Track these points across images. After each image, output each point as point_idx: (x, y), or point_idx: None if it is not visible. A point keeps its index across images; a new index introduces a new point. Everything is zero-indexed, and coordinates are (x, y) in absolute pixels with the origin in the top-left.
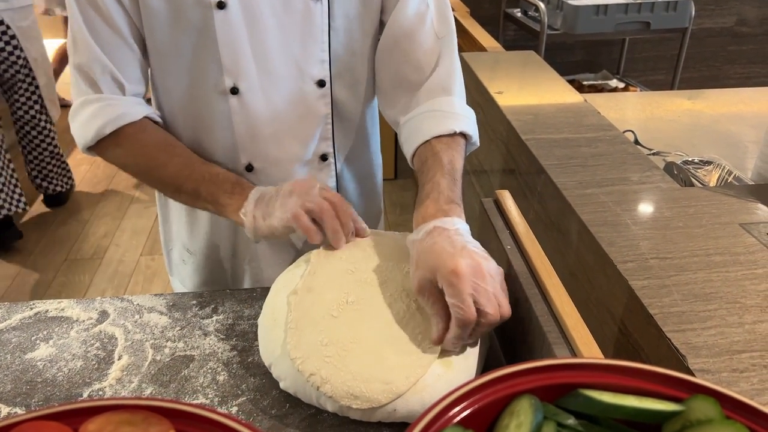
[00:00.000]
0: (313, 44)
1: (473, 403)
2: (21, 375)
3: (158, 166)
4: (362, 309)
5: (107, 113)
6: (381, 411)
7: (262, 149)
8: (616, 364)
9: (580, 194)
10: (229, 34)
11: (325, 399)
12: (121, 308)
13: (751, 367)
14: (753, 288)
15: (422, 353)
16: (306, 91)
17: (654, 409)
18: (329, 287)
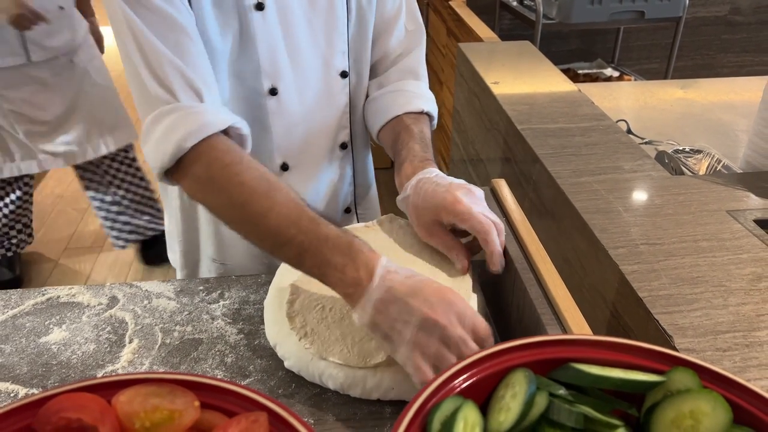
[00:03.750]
0: (337, 37)
1: (472, 376)
2: (36, 358)
3: (256, 215)
4: None
5: (188, 123)
6: (378, 388)
7: (295, 147)
8: (603, 339)
9: (573, 182)
10: (267, 35)
11: (327, 377)
12: (130, 294)
13: (734, 347)
14: (738, 272)
15: None
16: (332, 84)
17: (638, 380)
18: None
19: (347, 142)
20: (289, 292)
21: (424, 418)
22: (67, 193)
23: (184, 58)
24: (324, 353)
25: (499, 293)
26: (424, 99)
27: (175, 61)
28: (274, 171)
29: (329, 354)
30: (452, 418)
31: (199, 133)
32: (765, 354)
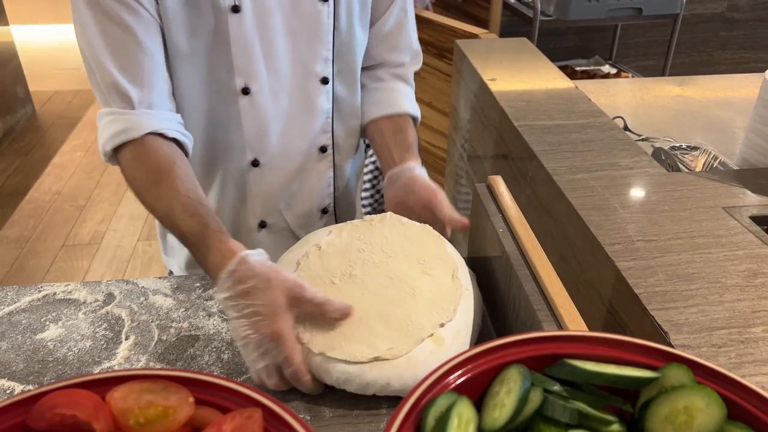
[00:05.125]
0: (319, 44)
1: (467, 372)
2: (32, 354)
3: (149, 205)
4: (362, 284)
5: (112, 128)
6: (374, 384)
7: (268, 145)
8: (598, 336)
9: (570, 179)
10: (241, 37)
11: (324, 372)
12: (127, 290)
13: (729, 343)
14: (733, 269)
15: (411, 332)
16: (311, 89)
17: (632, 376)
18: (338, 258)
19: (328, 146)
20: None
21: (419, 414)
22: (64, 190)
23: (125, 67)
24: (321, 348)
25: (495, 289)
26: (416, 105)
27: (112, 71)
28: (244, 165)
29: (326, 349)
30: (447, 415)
31: (116, 138)
32: (760, 350)
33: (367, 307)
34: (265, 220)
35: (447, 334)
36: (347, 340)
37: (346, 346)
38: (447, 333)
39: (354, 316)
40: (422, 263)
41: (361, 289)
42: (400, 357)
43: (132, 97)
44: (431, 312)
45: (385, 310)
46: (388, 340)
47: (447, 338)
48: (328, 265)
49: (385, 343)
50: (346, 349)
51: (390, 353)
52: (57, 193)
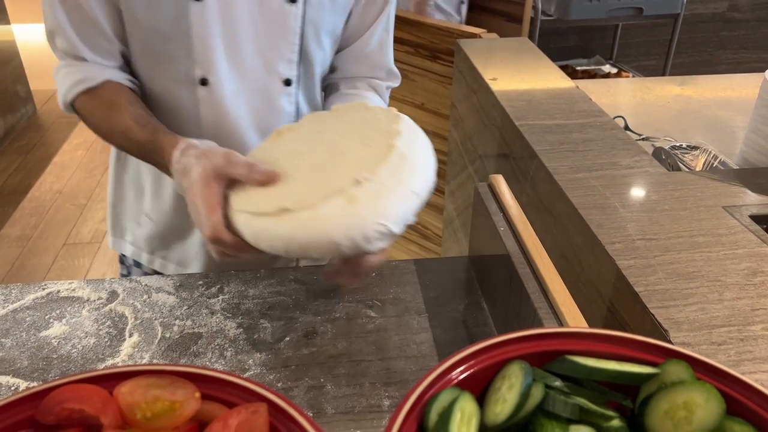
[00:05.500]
0: (284, 44)
1: (469, 368)
2: (37, 352)
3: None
4: (302, 157)
5: (70, 79)
6: (281, 238)
7: (225, 139)
8: (598, 332)
9: (570, 178)
10: (203, 27)
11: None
12: (130, 288)
13: (729, 341)
14: (733, 267)
15: (323, 188)
16: (273, 89)
17: (632, 372)
18: (293, 141)
19: None
20: None
21: (422, 409)
22: (65, 189)
23: (84, 39)
24: (239, 205)
25: (496, 287)
26: None
27: (72, 37)
28: None
29: (243, 205)
30: (449, 410)
31: (82, 85)
32: (759, 348)
33: (295, 172)
34: None
35: (362, 195)
36: (265, 197)
37: (260, 201)
38: (363, 193)
39: (282, 180)
40: (367, 137)
41: (299, 161)
42: (306, 209)
43: (87, 59)
44: (350, 171)
45: (310, 173)
46: (298, 194)
47: (362, 198)
48: (281, 146)
49: (295, 197)
50: (260, 203)
51: (297, 204)
52: (58, 192)
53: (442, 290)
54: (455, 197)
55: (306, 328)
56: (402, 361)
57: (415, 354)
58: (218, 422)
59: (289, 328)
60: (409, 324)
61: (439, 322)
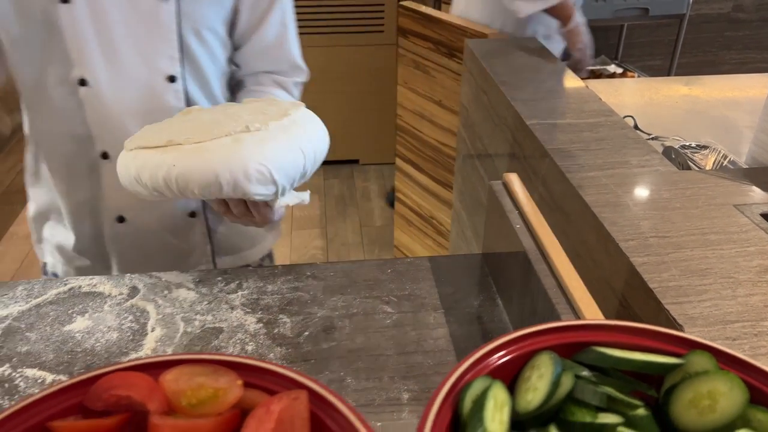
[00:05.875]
0: (162, 42)
1: (499, 358)
2: (61, 345)
3: None
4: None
5: None
6: (161, 166)
7: (117, 138)
8: (623, 324)
9: (583, 176)
10: (74, 28)
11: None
12: (150, 284)
13: (743, 336)
14: (746, 264)
15: (213, 130)
16: (156, 86)
17: (658, 362)
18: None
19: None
20: None
21: (456, 396)
22: None
23: None
24: (131, 143)
25: (511, 284)
26: None
27: None
28: (94, 157)
29: (134, 142)
30: (483, 397)
31: None
32: None
33: (191, 124)
34: (123, 215)
35: (249, 138)
36: (158, 135)
37: (152, 138)
38: (250, 137)
39: (177, 126)
40: (265, 111)
41: (199, 121)
42: (193, 144)
43: None
44: (243, 123)
45: (205, 124)
46: (190, 133)
47: (247, 140)
48: (187, 116)
49: (186, 134)
50: (151, 139)
51: (186, 140)
52: None
53: (456, 287)
54: (464, 196)
55: (324, 323)
56: (420, 355)
57: (433, 349)
58: (261, 408)
59: (307, 323)
60: (426, 320)
61: (455, 317)
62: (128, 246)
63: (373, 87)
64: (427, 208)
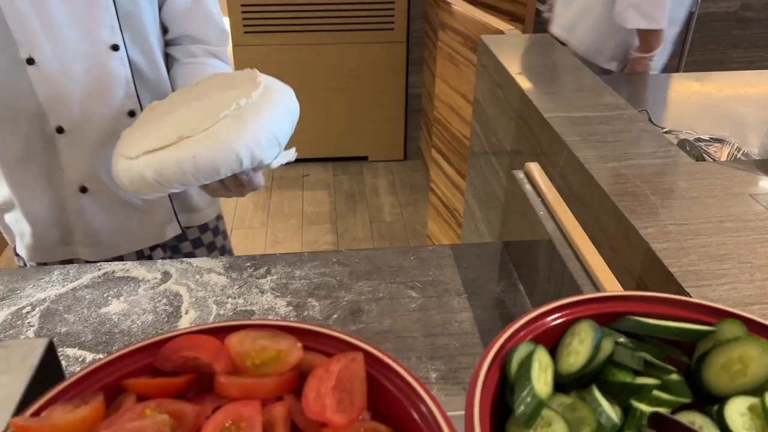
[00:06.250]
0: (100, 12)
1: (540, 326)
2: (99, 326)
3: None
4: (178, 111)
5: None
6: (184, 161)
7: (69, 112)
8: (657, 295)
9: (601, 167)
10: (12, 8)
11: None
12: (182, 269)
13: (762, 317)
14: (763, 250)
15: (209, 116)
16: (101, 56)
17: (692, 329)
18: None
19: (135, 110)
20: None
21: (503, 358)
22: None
23: None
24: (136, 151)
25: (535, 270)
26: None
27: None
28: (49, 132)
29: (132, 149)
30: (528, 359)
31: None
32: None
33: (176, 119)
34: (85, 186)
35: (245, 113)
36: (157, 137)
37: (154, 141)
38: (245, 112)
39: (165, 123)
40: (231, 85)
41: (177, 114)
42: (202, 132)
43: None
44: (228, 103)
45: (191, 114)
46: (189, 125)
47: (245, 116)
48: (156, 114)
49: (187, 127)
50: (154, 142)
51: (192, 131)
52: None
53: (478, 273)
54: (477, 191)
55: (352, 306)
56: (445, 337)
57: (458, 331)
58: (321, 368)
59: (336, 307)
60: (450, 304)
61: (479, 302)
62: (93, 215)
63: (382, 85)
64: (452, 200)
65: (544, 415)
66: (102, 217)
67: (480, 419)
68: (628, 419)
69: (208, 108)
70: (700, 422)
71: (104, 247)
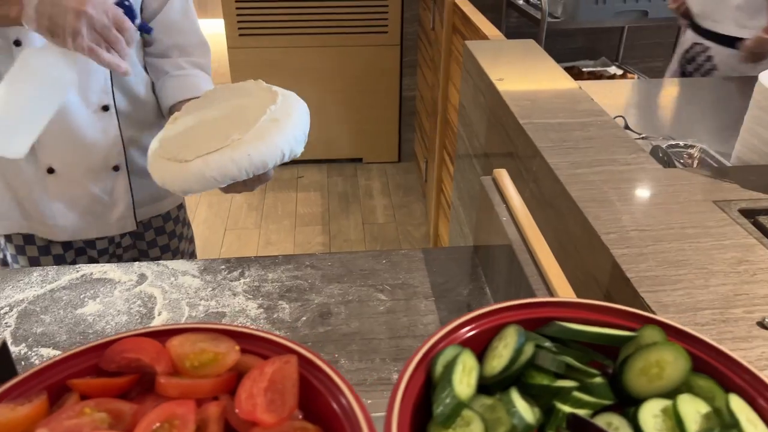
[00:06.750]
0: (96, 81)
1: (470, 330)
2: (74, 327)
3: None
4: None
5: None
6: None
7: (61, 159)
8: (584, 302)
9: (571, 174)
10: None
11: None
12: (158, 272)
13: (712, 322)
14: (720, 256)
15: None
16: (93, 117)
17: (612, 334)
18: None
19: (120, 164)
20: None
21: (429, 361)
22: None
23: None
24: (190, 155)
25: (498, 273)
26: None
27: None
28: (41, 172)
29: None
30: (453, 362)
31: None
32: (739, 328)
33: (211, 128)
34: (52, 167)
35: (279, 116)
36: (207, 142)
37: (207, 144)
38: (279, 115)
39: (202, 130)
40: (245, 94)
41: (208, 123)
42: (252, 134)
43: None
44: (260, 109)
45: (226, 121)
46: (236, 129)
47: (280, 119)
48: (183, 123)
49: (237, 130)
50: (208, 145)
51: (243, 135)
52: None
53: (448, 277)
54: (462, 194)
55: (321, 309)
56: (410, 339)
57: (423, 333)
58: (256, 370)
59: (305, 309)
60: (417, 307)
61: (445, 305)
62: (56, 195)
63: (376, 87)
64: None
65: (464, 415)
66: (64, 198)
67: (399, 417)
68: (551, 420)
69: (238, 115)
70: (617, 423)
71: (59, 230)
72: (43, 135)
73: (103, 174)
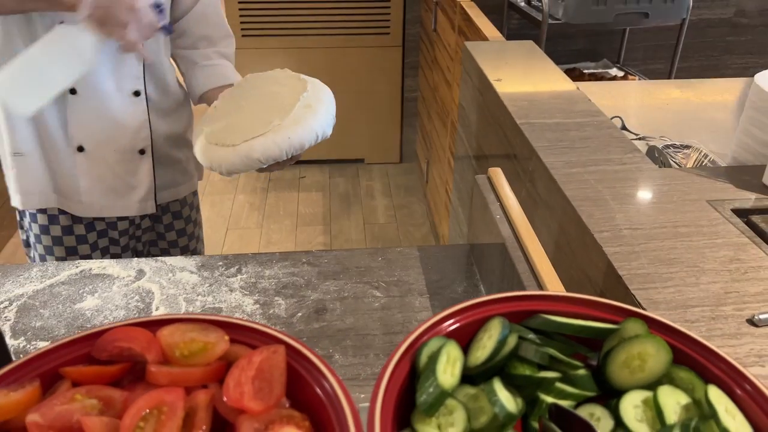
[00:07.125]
0: (129, 67)
1: (456, 322)
2: (72, 321)
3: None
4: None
5: None
6: (283, 142)
7: (90, 137)
8: (570, 295)
9: (566, 173)
10: None
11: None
12: (156, 267)
13: (701, 319)
14: (712, 255)
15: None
16: (125, 101)
17: (595, 327)
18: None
19: (146, 147)
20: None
21: (414, 352)
22: None
23: None
24: (234, 140)
25: (492, 271)
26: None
27: None
28: (72, 149)
29: (240, 137)
30: (437, 353)
31: None
32: (728, 325)
33: (251, 114)
34: (83, 146)
35: (311, 102)
36: (252, 127)
37: (251, 129)
38: (311, 101)
39: (244, 117)
40: (278, 83)
41: (247, 109)
42: (290, 120)
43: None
44: (293, 97)
45: (264, 108)
46: (276, 115)
47: (313, 104)
48: (224, 109)
49: (276, 116)
50: (252, 130)
51: (280, 120)
52: None
53: (443, 274)
54: (461, 194)
55: (317, 305)
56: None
57: None
58: (244, 359)
59: (301, 305)
60: (412, 303)
61: (439, 302)
62: (83, 173)
63: (378, 88)
64: None
65: (447, 404)
66: (90, 179)
67: (382, 406)
68: (535, 410)
69: (274, 102)
70: (599, 414)
71: (84, 206)
72: (77, 115)
73: (129, 156)
